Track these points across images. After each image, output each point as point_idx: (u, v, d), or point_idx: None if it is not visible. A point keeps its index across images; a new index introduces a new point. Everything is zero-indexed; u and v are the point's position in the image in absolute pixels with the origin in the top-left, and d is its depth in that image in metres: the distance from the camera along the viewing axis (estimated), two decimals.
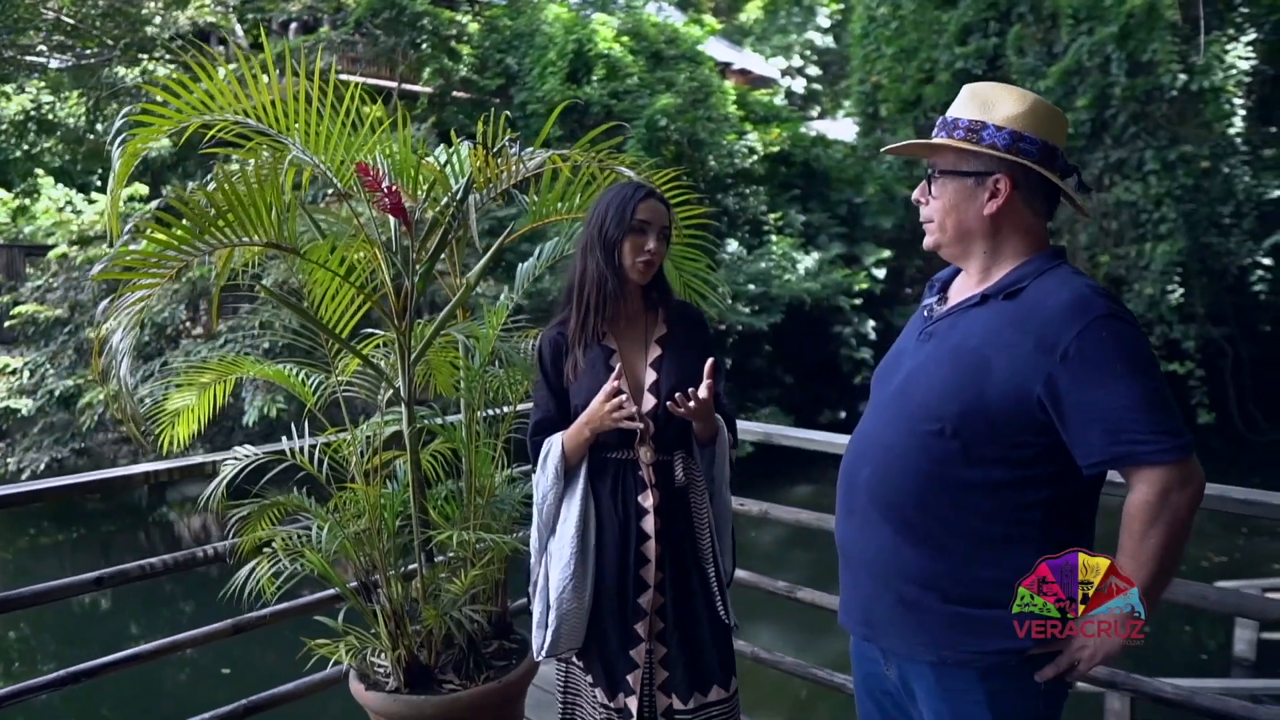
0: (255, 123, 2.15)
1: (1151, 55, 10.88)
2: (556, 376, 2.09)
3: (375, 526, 2.44)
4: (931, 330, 1.68)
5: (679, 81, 12.46)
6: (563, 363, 2.10)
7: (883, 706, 1.79)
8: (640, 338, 2.09)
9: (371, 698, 2.41)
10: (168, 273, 1.76)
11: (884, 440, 1.66)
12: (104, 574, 2.46)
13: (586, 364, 2.04)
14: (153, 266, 1.74)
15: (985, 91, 1.65)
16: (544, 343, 2.13)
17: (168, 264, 1.77)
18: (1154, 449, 1.44)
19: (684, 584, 2.07)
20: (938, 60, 13.72)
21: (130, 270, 1.72)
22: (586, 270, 2.06)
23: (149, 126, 1.98)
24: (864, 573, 1.69)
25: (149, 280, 1.73)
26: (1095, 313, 1.47)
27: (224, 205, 1.91)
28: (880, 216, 14.91)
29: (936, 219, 1.67)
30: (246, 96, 2.08)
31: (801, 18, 27.78)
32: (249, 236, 1.99)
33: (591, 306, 2.05)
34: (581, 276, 2.07)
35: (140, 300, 1.68)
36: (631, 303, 2.10)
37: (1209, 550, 9.10)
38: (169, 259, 1.77)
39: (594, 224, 2.06)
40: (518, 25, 12.04)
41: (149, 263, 1.72)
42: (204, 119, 2.08)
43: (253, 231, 2.00)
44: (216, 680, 6.77)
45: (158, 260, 1.75)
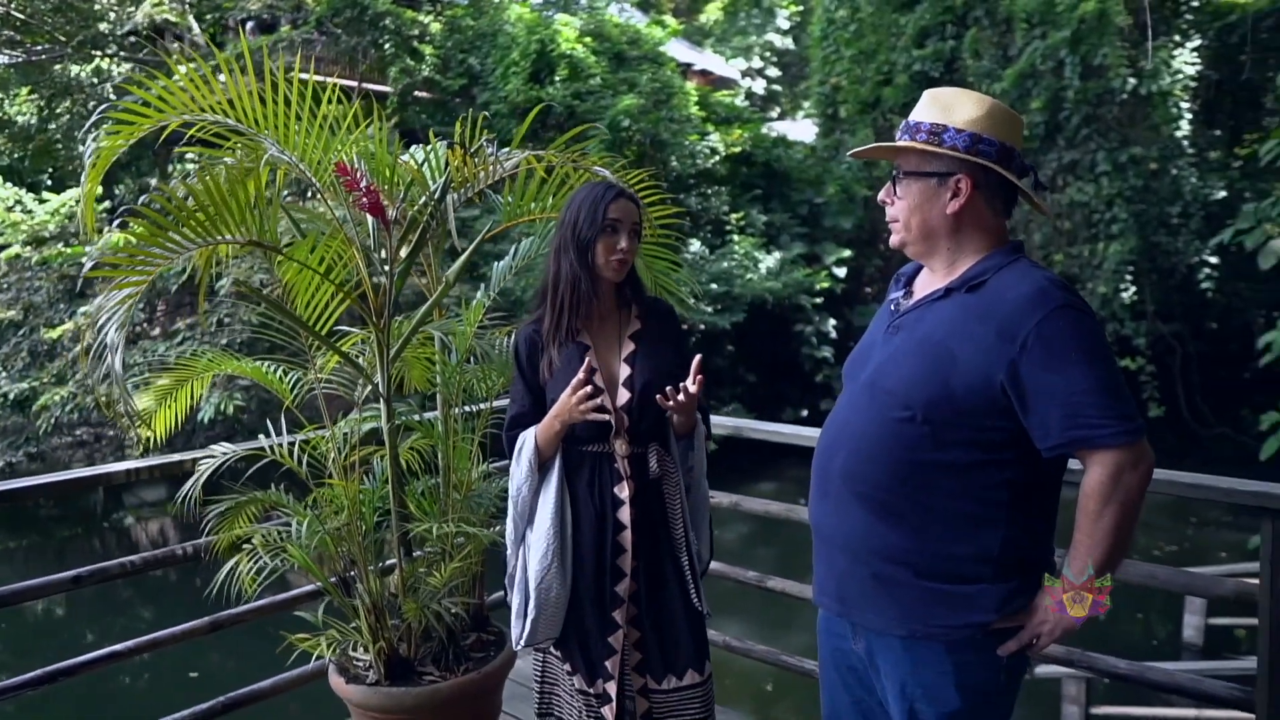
0: (234, 122, 2.17)
1: (1102, 59, 11.18)
2: (532, 373, 2.14)
3: (354, 522, 2.47)
4: (899, 323, 1.76)
5: (641, 82, 12.54)
6: (538, 359, 2.14)
7: (846, 681, 1.87)
8: (614, 334, 2.15)
9: (352, 691, 2.44)
10: (154, 269, 1.79)
11: (857, 427, 1.74)
12: (82, 572, 2.47)
13: (562, 361, 2.09)
14: (139, 264, 1.76)
15: (945, 96, 1.73)
16: (520, 340, 2.18)
17: (154, 261, 1.79)
18: (1108, 432, 1.53)
19: (659, 572, 2.13)
20: (896, 62, 13.94)
21: (116, 267, 1.74)
22: (561, 270, 2.10)
23: (129, 125, 1.99)
24: (838, 552, 1.77)
25: (135, 277, 1.75)
26: (1053, 303, 1.56)
27: (208, 202, 1.94)
28: (840, 216, 15.10)
29: (902, 218, 1.75)
30: (226, 97, 2.10)
31: (761, 19, 27.98)
32: (232, 234, 2.02)
33: (566, 305, 2.09)
34: (556, 276, 2.11)
35: (128, 297, 1.70)
36: (605, 300, 2.15)
37: (1160, 540, 9.37)
38: (155, 256, 1.79)
39: (567, 225, 2.10)
40: (480, 25, 12.03)
41: (135, 260, 1.74)
42: (184, 118, 2.10)
43: (235, 229, 2.03)
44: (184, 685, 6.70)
45: (144, 257, 1.77)
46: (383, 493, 2.54)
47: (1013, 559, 1.63)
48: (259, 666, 2.95)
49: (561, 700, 2.21)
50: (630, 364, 2.10)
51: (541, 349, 2.13)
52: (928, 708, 1.67)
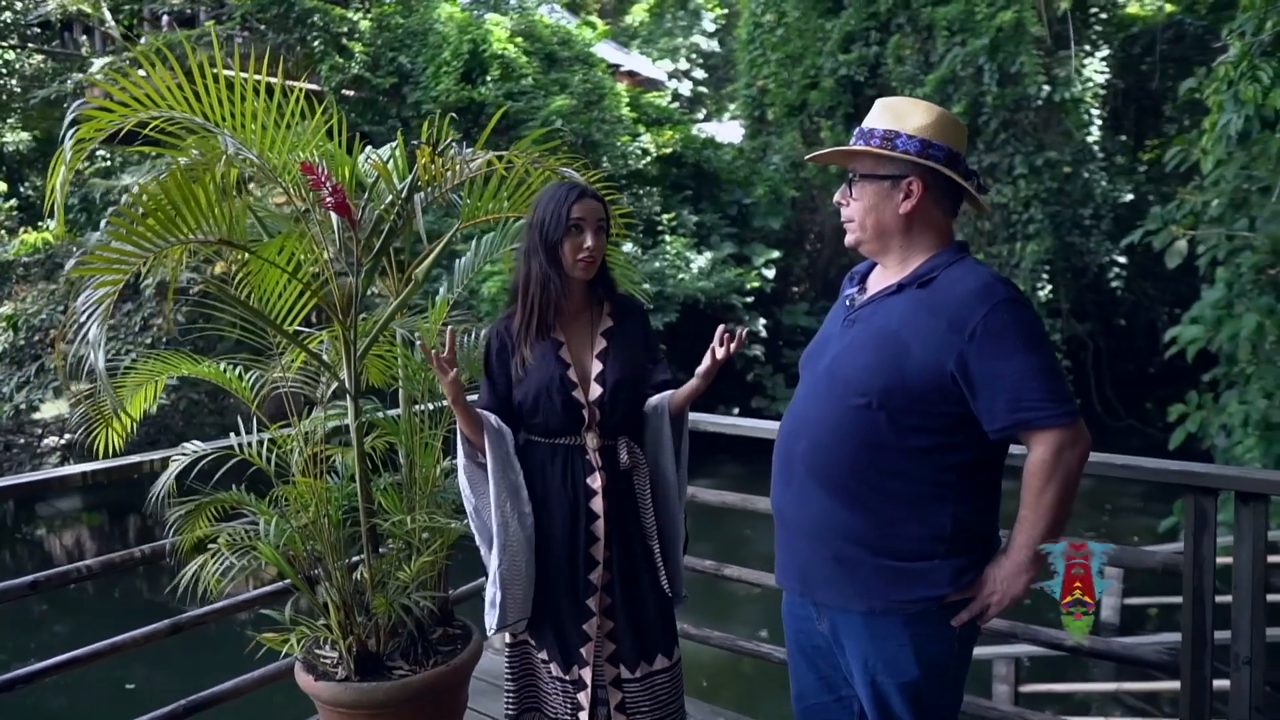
0: (201, 119, 2.17)
1: (1019, 67, 11.65)
2: (500, 369, 2.20)
3: (321, 519, 2.48)
4: (854, 317, 1.87)
5: (573, 83, 12.58)
6: (507, 356, 2.20)
7: (813, 661, 1.98)
8: (587, 331, 2.21)
9: (322, 688, 2.45)
10: (130, 268, 1.79)
11: (816, 416, 1.84)
12: (39, 577, 2.42)
13: (536, 358, 2.15)
14: (115, 262, 1.76)
15: (897, 105, 1.86)
16: (491, 335, 2.24)
17: (130, 260, 1.79)
18: (1048, 414, 1.66)
19: (630, 560, 2.21)
20: (822, 67, 14.26)
21: (99, 267, 1.74)
22: (531, 271, 2.16)
23: (96, 120, 1.98)
24: (800, 535, 1.87)
25: (112, 277, 1.75)
26: (998, 297, 1.70)
27: (179, 201, 1.94)
28: (769, 217, 15.36)
29: (857, 218, 1.86)
30: (194, 94, 2.10)
31: (687, 21, 28.23)
32: (203, 233, 2.03)
33: (537, 305, 2.15)
34: (526, 277, 2.17)
35: (105, 296, 1.70)
36: (577, 298, 2.22)
37: (1079, 526, 9.83)
38: (131, 255, 1.80)
39: (535, 226, 2.16)
40: (410, 24, 11.92)
41: (111, 260, 1.74)
42: (150, 114, 2.09)
43: (206, 228, 2.04)
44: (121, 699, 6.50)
45: (119, 257, 1.78)
46: (348, 490, 2.56)
47: (963, 535, 1.75)
48: (194, 675, 2.90)
49: (538, 691, 2.26)
50: (602, 360, 2.17)
51: (513, 348, 2.18)
52: (888, 679, 1.78)
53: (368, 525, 2.49)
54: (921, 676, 1.77)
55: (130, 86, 1.95)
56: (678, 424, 2.28)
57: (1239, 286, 7.39)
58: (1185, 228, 7.66)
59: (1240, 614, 2.22)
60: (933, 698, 1.81)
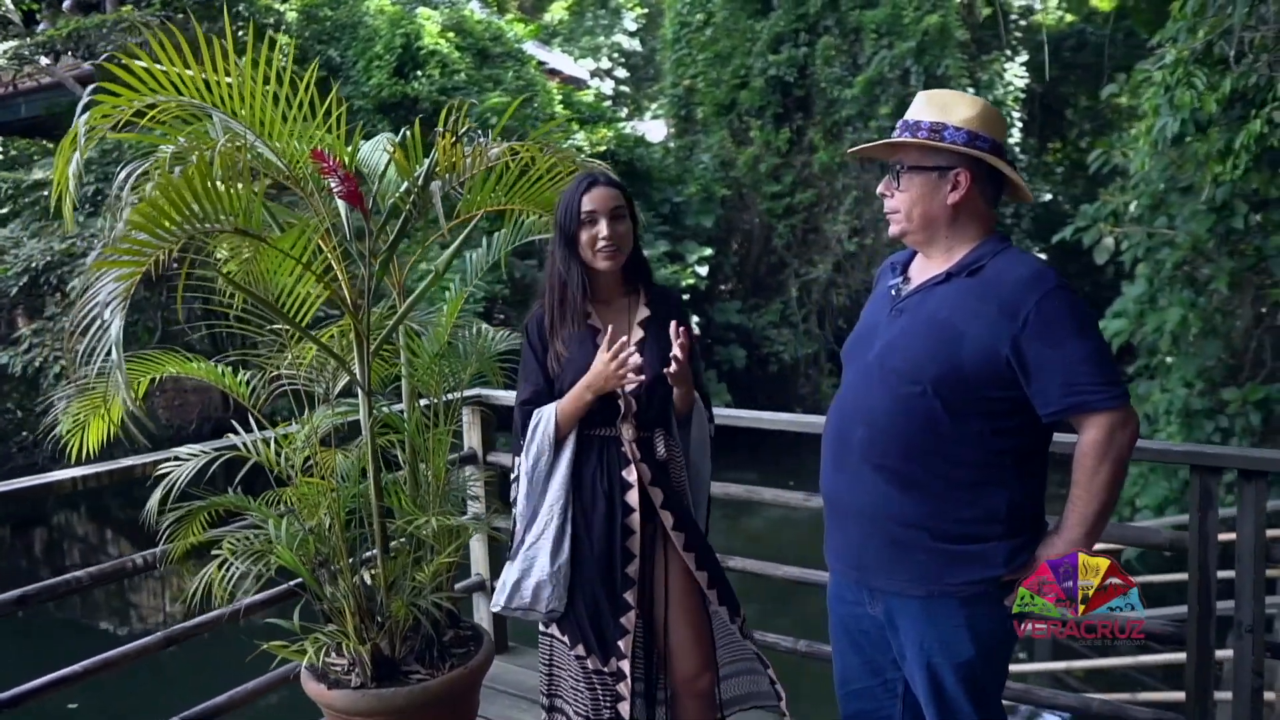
0: (210, 106, 2.07)
1: (945, 70, 12.00)
2: (544, 353, 2.16)
3: (331, 520, 2.39)
4: (902, 306, 1.90)
5: (507, 79, 12.43)
6: (544, 347, 2.17)
7: (859, 644, 2.00)
8: (624, 321, 2.19)
9: (336, 696, 2.36)
10: (148, 260, 1.70)
11: (871, 404, 1.86)
12: (27, 591, 2.27)
13: (574, 346, 2.12)
14: (134, 252, 1.66)
15: (942, 97, 1.89)
16: (530, 323, 2.20)
17: (148, 251, 1.70)
18: (1102, 397, 1.72)
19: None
20: (752, 67, 14.42)
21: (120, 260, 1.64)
22: (555, 265, 2.16)
23: (108, 105, 1.87)
24: (855, 521, 1.89)
25: (127, 271, 1.66)
26: (1050, 284, 1.74)
27: (198, 190, 1.85)
28: (700, 216, 15.46)
29: (904, 209, 1.88)
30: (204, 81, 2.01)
31: (609, 20, 28.22)
32: (219, 222, 1.93)
33: (563, 298, 2.15)
34: (552, 272, 2.18)
35: (127, 289, 1.61)
36: (611, 288, 2.20)
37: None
38: (149, 245, 1.70)
39: (556, 222, 2.17)
40: (339, 16, 11.60)
41: (133, 250, 1.65)
42: (159, 98, 1.99)
43: (219, 218, 1.94)
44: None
45: (137, 247, 1.68)
46: (355, 490, 2.47)
47: (1016, 517, 1.80)
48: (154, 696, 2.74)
49: (567, 684, 2.23)
50: (640, 350, 2.15)
51: (546, 343, 2.16)
52: (944, 660, 1.82)
53: (380, 525, 2.41)
54: (976, 656, 1.81)
55: (145, 75, 1.85)
56: (687, 424, 2.27)
57: (1159, 282, 7.77)
58: (1110, 226, 8.02)
59: (1243, 584, 2.33)
60: (985, 677, 1.85)
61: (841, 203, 13.78)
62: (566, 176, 2.59)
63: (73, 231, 8.06)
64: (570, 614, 2.15)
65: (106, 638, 7.55)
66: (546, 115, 12.88)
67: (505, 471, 3.23)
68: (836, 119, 13.40)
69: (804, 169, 14.24)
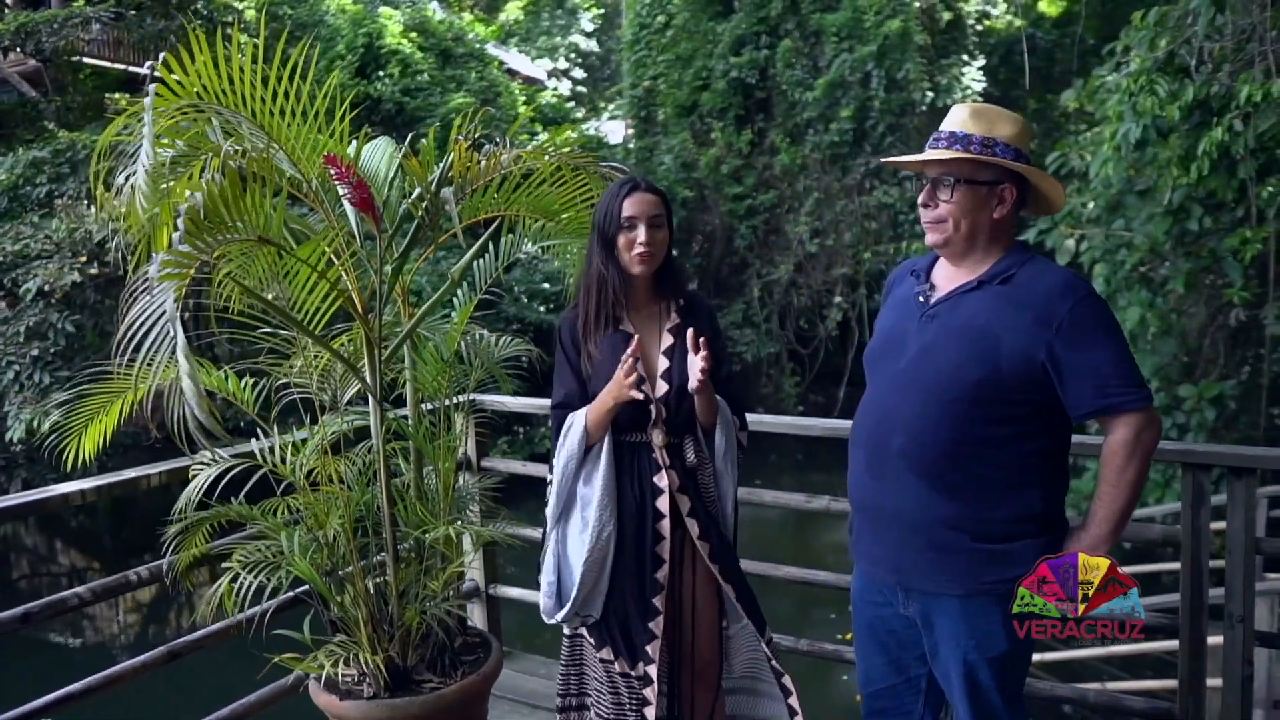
0: (231, 111, 2.05)
1: (905, 74, 12.21)
2: (577, 356, 2.17)
3: (344, 529, 2.37)
4: (933, 313, 1.93)
5: (470, 80, 12.38)
6: (577, 350, 2.18)
7: (884, 644, 2.05)
8: (654, 326, 2.21)
9: (350, 707, 2.34)
10: (190, 269, 1.68)
11: (908, 410, 1.90)
12: (31, 608, 2.21)
13: (605, 351, 2.13)
14: (179, 264, 1.64)
15: (988, 112, 1.91)
16: (563, 326, 2.22)
17: (189, 262, 1.68)
18: (1131, 398, 1.79)
19: None
20: (713, 69, 14.52)
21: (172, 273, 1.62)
22: (592, 269, 2.18)
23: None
24: (892, 525, 1.93)
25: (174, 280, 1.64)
26: (1081, 293, 1.81)
27: (231, 201, 1.83)
28: None
29: (950, 219, 1.89)
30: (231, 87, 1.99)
31: (565, 21, 28.17)
32: (244, 233, 1.92)
33: (598, 302, 2.16)
34: (588, 275, 2.19)
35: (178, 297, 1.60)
36: (642, 294, 2.22)
37: None
38: (191, 257, 1.69)
39: (595, 224, 2.18)
40: (299, 15, 11.45)
41: (182, 262, 1.63)
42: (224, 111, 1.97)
43: (245, 228, 1.93)
44: None
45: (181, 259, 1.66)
46: (365, 498, 2.45)
47: (1048, 515, 1.87)
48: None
49: (589, 682, 2.25)
50: (669, 357, 2.17)
51: (580, 346, 2.17)
52: (980, 655, 1.87)
53: (391, 533, 2.40)
54: (1010, 649, 1.87)
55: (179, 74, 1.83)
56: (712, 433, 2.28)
57: (1116, 282, 7.98)
58: (1069, 228, 8.22)
59: (1234, 576, 2.42)
60: (1014, 668, 1.92)
61: (803, 204, 13.93)
62: (571, 182, 2.59)
63: (26, 234, 7.87)
64: (601, 616, 2.16)
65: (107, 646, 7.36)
66: (510, 116, 12.85)
67: (500, 477, 3.22)
68: (798, 121, 13.54)
69: (765, 170, 14.37)
